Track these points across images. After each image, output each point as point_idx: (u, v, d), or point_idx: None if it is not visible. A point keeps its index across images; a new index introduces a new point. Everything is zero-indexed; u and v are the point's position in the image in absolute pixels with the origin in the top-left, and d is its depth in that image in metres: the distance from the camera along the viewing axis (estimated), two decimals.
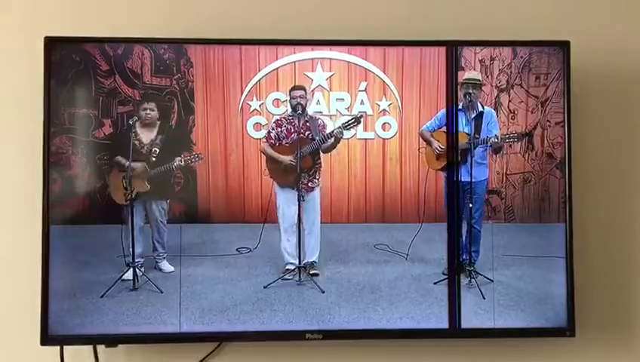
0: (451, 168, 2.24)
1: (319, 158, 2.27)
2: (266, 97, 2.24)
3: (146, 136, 2.22)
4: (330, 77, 2.24)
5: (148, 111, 2.20)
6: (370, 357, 2.35)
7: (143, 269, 2.23)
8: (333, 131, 2.24)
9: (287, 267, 2.26)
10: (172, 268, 2.22)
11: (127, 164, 2.19)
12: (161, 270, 2.22)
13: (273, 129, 2.26)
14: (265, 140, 2.25)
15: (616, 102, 2.42)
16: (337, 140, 2.24)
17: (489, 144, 2.25)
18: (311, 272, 2.25)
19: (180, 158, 2.21)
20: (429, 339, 2.29)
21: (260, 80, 2.24)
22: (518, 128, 2.26)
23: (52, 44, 2.15)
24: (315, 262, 2.26)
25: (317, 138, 2.26)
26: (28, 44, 2.25)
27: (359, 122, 2.24)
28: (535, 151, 2.27)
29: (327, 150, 2.26)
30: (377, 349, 2.34)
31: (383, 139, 2.27)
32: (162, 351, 2.30)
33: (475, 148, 2.25)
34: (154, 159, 2.22)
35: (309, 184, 2.28)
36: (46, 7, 2.34)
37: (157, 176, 2.22)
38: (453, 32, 2.31)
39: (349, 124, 2.23)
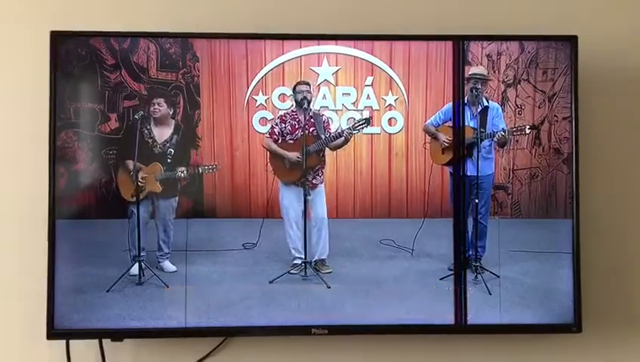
0: (457, 163, 2.23)
1: (324, 155, 2.27)
2: (272, 92, 2.24)
3: (160, 134, 2.21)
4: (336, 71, 2.24)
5: (156, 107, 2.20)
6: (376, 352, 2.35)
7: (146, 264, 2.22)
8: (343, 131, 2.23)
9: (294, 262, 2.25)
10: (174, 268, 2.21)
11: (134, 166, 2.18)
12: (162, 270, 2.22)
13: (277, 125, 2.25)
14: (268, 136, 2.25)
15: (624, 97, 2.41)
16: (347, 140, 2.23)
17: (496, 139, 2.24)
18: (324, 271, 2.24)
19: (193, 168, 2.20)
20: (435, 335, 2.28)
21: (265, 74, 2.23)
22: (526, 123, 2.25)
23: (58, 38, 2.15)
24: (326, 259, 2.25)
25: (324, 136, 2.25)
26: (34, 38, 2.24)
27: (369, 123, 2.23)
28: (542, 147, 2.26)
29: (335, 148, 2.25)
30: (383, 345, 2.34)
31: (389, 134, 2.26)
32: (168, 346, 2.30)
33: (481, 143, 2.25)
34: (169, 160, 2.21)
35: (313, 181, 2.28)
36: (52, 1, 2.34)
37: (169, 178, 2.21)
38: (460, 26, 2.31)
39: (359, 125, 2.22)
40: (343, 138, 2.23)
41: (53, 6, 2.33)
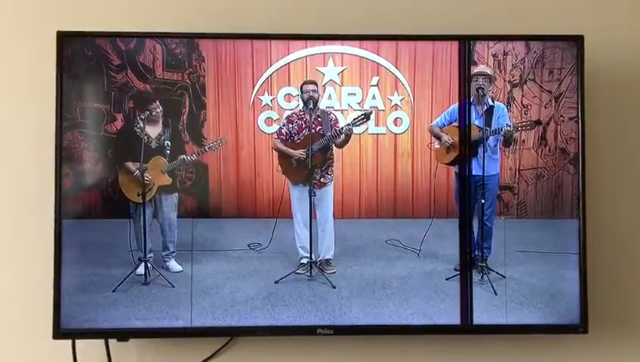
0: (463, 162, 2.23)
1: (332, 153, 2.27)
2: (278, 92, 2.24)
3: (152, 130, 2.21)
4: (341, 72, 2.24)
5: (157, 109, 2.20)
6: (381, 353, 2.34)
7: (152, 264, 2.22)
8: (342, 128, 2.23)
9: (301, 261, 2.25)
10: (180, 268, 2.21)
11: (136, 168, 2.19)
12: (168, 269, 2.22)
13: (285, 125, 2.25)
14: (276, 136, 2.25)
15: (630, 97, 2.41)
16: (348, 137, 2.23)
17: (502, 133, 2.23)
18: (328, 271, 2.24)
19: (201, 148, 2.21)
20: (441, 335, 2.28)
21: (271, 75, 2.23)
22: (533, 118, 2.24)
23: (64, 39, 2.15)
24: (331, 259, 2.25)
25: (328, 134, 2.25)
26: (40, 38, 2.25)
27: (368, 118, 2.23)
28: (548, 147, 2.25)
29: (341, 145, 2.25)
30: (388, 345, 2.34)
31: (395, 134, 2.26)
32: (173, 346, 2.30)
33: (487, 140, 2.24)
34: (169, 151, 2.21)
35: (322, 180, 2.28)
36: (58, 1, 2.35)
37: (176, 167, 2.22)
38: (465, 26, 2.30)
39: (358, 121, 2.22)
40: (344, 135, 2.23)
41: (59, 6, 2.34)
